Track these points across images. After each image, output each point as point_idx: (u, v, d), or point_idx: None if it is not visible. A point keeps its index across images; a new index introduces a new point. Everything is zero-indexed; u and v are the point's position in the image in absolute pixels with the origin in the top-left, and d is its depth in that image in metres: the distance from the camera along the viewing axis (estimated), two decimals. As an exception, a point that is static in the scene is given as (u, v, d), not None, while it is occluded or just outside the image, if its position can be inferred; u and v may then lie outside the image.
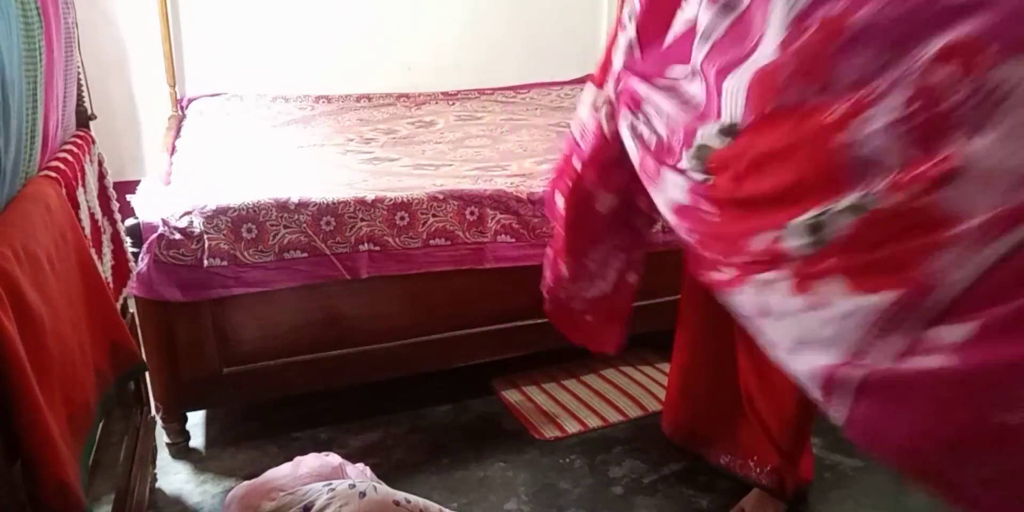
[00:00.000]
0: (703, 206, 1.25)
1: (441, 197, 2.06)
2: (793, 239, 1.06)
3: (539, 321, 2.22)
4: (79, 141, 1.50)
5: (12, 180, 1.10)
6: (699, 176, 1.24)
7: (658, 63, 1.34)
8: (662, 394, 2.30)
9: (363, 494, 1.42)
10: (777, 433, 1.72)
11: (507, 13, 3.59)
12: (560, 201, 1.66)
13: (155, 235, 1.80)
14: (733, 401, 1.77)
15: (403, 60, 3.47)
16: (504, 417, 2.21)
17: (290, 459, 1.65)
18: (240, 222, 1.87)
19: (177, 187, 2.10)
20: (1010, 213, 0.87)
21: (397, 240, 2.02)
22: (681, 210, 1.31)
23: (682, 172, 1.28)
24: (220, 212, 1.85)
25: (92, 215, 1.46)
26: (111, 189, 1.68)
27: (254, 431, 2.13)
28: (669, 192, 1.32)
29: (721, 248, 1.23)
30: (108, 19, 2.98)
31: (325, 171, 2.32)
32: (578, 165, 1.59)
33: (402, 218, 2.01)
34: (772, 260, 1.10)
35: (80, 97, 1.65)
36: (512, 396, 2.31)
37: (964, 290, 0.91)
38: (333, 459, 1.66)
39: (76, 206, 1.32)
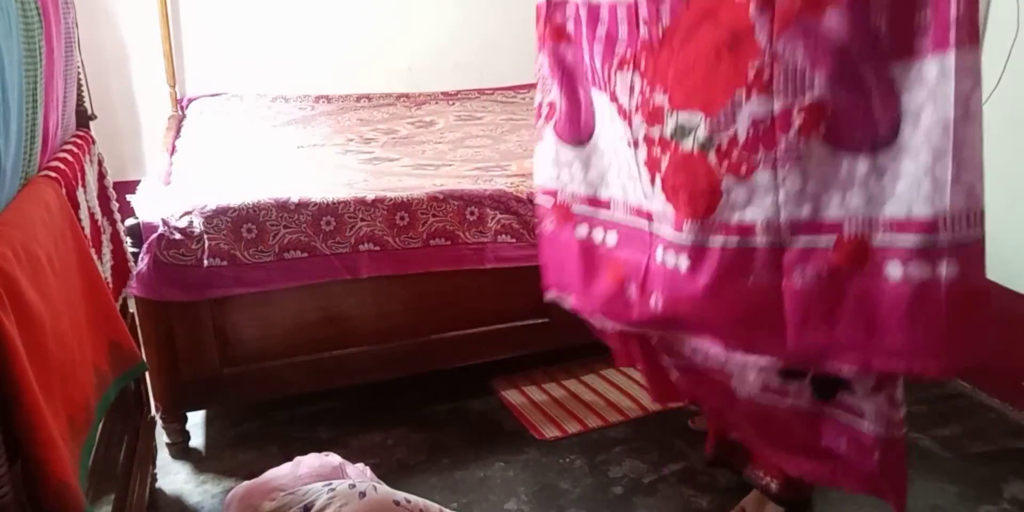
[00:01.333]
0: None
1: (441, 197, 2.06)
2: None
3: (539, 321, 2.23)
4: (79, 141, 1.50)
5: (12, 180, 1.10)
6: None
7: None
8: (662, 394, 2.30)
9: (363, 494, 1.42)
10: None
11: (507, 13, 3.58)
12: None
13: (155, 235, 1.80)
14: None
15: (403, 60, 3.47)
16: (504, 417, 2.21)
17: (290, 459, 1.65)
18: (240, 222, 1.87)
19: (177, 187, 2.10)
20: None
21: (397, 240, 2.01)
22: None
23: None
24: (220, 212, 1.85)
25: (92, 215, 1.46)
26: (111, 189, 1.67)
27: (254, 431, 2.13)
28: None
29: None
30: (108, 19, 2.98)
31: (325, 171, 2.32)
32: None
33: (402, 218, 2.01)
34: None
35: (80, 97, 1.65)
36: (512, 396, 2.31)
37: None
38: (333, 459, 1.66)
39: (76, 206, 1.32)
